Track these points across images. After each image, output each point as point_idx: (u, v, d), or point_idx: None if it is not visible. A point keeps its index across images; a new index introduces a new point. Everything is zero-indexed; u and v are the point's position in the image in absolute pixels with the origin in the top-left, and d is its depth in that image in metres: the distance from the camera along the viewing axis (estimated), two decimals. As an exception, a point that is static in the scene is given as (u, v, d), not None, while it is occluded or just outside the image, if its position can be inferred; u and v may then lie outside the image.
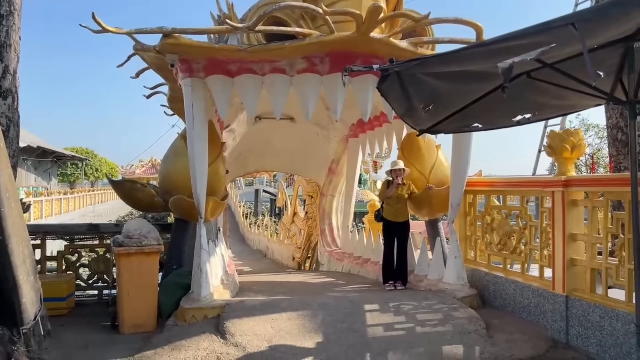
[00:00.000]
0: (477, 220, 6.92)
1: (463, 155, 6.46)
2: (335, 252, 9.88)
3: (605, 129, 26.60)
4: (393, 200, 7.05)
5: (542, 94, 3.88)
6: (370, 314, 5.51)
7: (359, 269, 8.61)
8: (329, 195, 10.61)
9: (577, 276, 5.10)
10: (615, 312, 4.49)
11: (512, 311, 5.92)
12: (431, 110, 3.61)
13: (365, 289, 7.23)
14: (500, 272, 6.31)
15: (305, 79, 5.73)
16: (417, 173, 7.34)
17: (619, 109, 6.89)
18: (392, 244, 7.15)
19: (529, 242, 5.88)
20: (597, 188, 4.87)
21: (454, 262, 6.51)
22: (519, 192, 6.10)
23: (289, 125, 10.26)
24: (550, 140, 5.33)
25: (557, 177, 5.23)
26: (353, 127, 9.50)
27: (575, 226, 5.16)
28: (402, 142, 7.76)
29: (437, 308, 5.68)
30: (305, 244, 12.19)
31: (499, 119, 4.27)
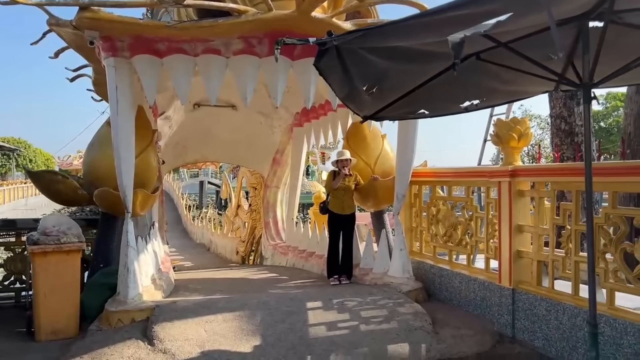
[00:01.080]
0: (423, 212, 6.74)
1: (409, 145, 6.25)
2: (279, 245, 9.52)
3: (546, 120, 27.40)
4: (339, 192, 6.76)
5: (491, 78, 3.66)
6: (313, 312, 5.19)
7: (303, 263, 8.29)
8: (274, 187, 10.23)
9: (523, 268, 4.98)
10: (561, 305, 4.37)
11: (458, 304, 5.77)
12: (375, 93, 3.30)
13: (309, 284, 6.92)
14: (446, 265, 6.16)
15: (242, 61, 5.30)
16: (362, 163, 7.09)
17: (562, 98, 6.88)
18: (338, 237, 6.87)
19: (475, 234, 5.73)
20: (545, 178, 4.75)
21: (400, 254, 6.30)
22: (465, 183, 5.95)
23: (230, 113, 9.78)
24: (497, 129, 5.17)
25: (504, 167, 5.08)
26: (298, 115, 9.14)
27: (522, 217, 5.03)
28: (347, 131, 7.48)
29: (383, 304, 5.44)
30: (249, 237, 11.76)
31: (446, 105, 4.02)
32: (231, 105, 9.75)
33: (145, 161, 6.03)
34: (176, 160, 10.63)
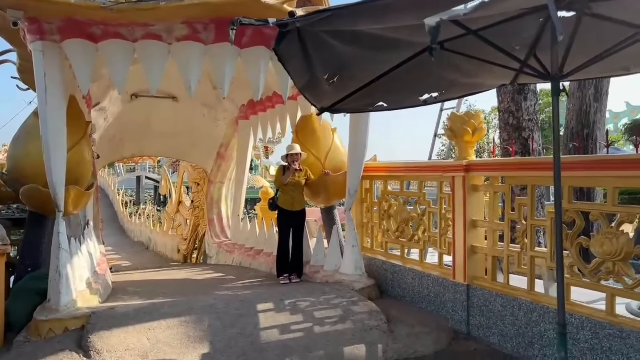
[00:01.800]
0: (374, 207, 6.62)
1: (360, 139, 6.09)
2: (224, 243, 9.16)
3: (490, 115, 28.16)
4: (289, 188, 6.51)
5: (452, 70, 3.52)
6: (264, 314, 4.93)
7: (250, 261, 7.99)
8: (218, 182, 9.82)
9: (478, 264, 4.95)
10: (517, 300, 4.35)
11: (411, 301, 5.69)
12: (336, 82, 3.08)
13: (257, 284, 6.64)
14: (398, 261, 6.07)
15: (185, 48, 4.93)
16: (312, 158, 6.87)
17: (510, 93, 6.96)
18: (287, 234, 6.63)
19: (428, 229, 5.66)
20: (499, 172, 4.71)
21: (351, 251, 6.15)
22: (418, 177, 5.86)
23: (171, 105, 9.28)
24: (451, 123, 5.10)
25: (458, 161, 5.02)
26: (243, 108, 8.78)
27: (476, 212, 4.99)
28: (296, 124, 7.24)
29: (336, 303, 5.26)
30: (191, 235, 11.27)
31: (405, 98, 3.87)
32: (172, 97, 9.25)
33: (78, 155, 5.55)
34: (112, 154, 9.99)
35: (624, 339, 3.47)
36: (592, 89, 6.91)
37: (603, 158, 3.73)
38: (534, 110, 6.97)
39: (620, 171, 3.58)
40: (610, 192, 3.67)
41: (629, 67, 3.39)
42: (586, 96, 6.93)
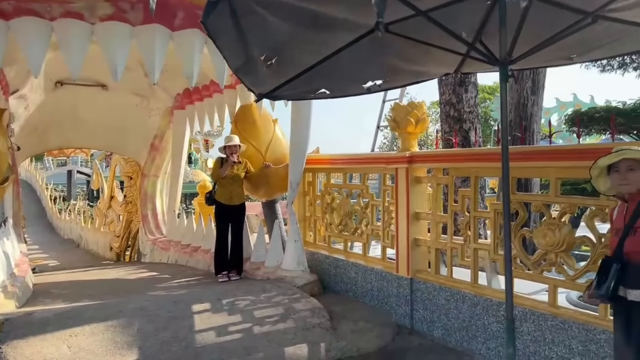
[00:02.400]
0: (317, 200, 6.43)
1: (302, 130, 5.87)
2: (159, 240, 8.69)
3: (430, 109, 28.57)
4: (227, 181, 6.19)
5: (395, 56, 3.38)
6: (200, 316, 4.63)
7: (187, 259, 7.61)
8: (152, 176, 9.31)
9: (421, 257, 4.86)
10: (460, 294, 4.29)
11: (354, 296, 5.55)
12: (274, 66, 2.83)
13: (194, 283, 6.30)
14: (341, 255, 5.92)
15: (110, 29, 4.53)
16: (253, 150, 6.58)
17: (451, 85, 6.95)
18: (226, 230, 6.32)
19: (371, 222, 5.54)
20: (443, 164, 4.64)
21: (294, 246, 5.94)
22: (361, 170, 5.72)
23: (100, 93, 8.67)
24: (394, 114, 4.97)
25: (401, 153, 4.90)
26: (179, 97, 8.33)
27: (419, 204, 4.89)
28: (235, 115, 6.92)
29: (277, 301, 5.03)
30: (124, 231, 10.67)
31: (348, 85, 3.68)
32: (101, 85, 8.64)
33: (-10, 146, 5.00)
34: (36, 146, 9.24)
35: (566, 330, 3.46)
36: (529, 82, 7.02)
37: (546, 149, 3.72)
38: (475, 102, 7.01)
39: (562, 162, 3.56)
40: (552, 182, 3.65)
41: (571, 56, 3.36)
42: (524, 89, 7.03)
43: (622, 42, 3.18)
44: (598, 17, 2.78)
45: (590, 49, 3.25)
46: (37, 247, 16.22)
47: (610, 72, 9.55)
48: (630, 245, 2.48)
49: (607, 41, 3.11)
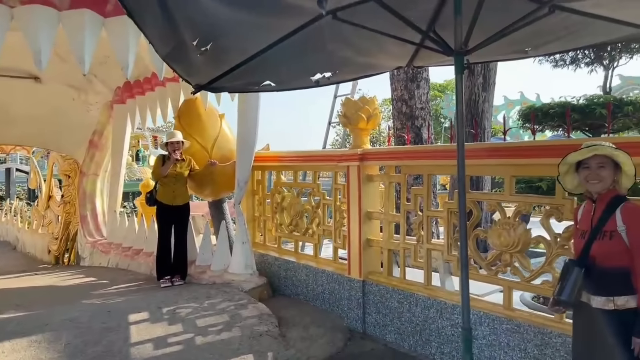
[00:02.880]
0: (267, 199, 6.15)
1: (250, 126, 5.57)
2: (99, 243, 8.16)
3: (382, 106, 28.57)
4: (170, 180, 5.81)
5: (345, 46, 3.15)
6: (137, 326, 4.28)
7: (128, 263, 7.15)
8: (92, 175, 8.72)
9: (373, 258, 4.68)
10: (414, 296, 4.13)
11: (305, 299, 5.32)
12: (210, 53, 2.53)
13: (134, 289, 5.88)
14: (292, 256, 5.67)
15: (33, 13, 4.09)
16: (197, 146, 6.22)
17: (403, 80, 6.81)
18: (169, 232, 5.94)
19: (323, 222, 5.31)
20: (396, 162, 4.45)
21: (242, 248, 5.64)
22: (312, 167, 5.48)
23: (32, 86, 8.06)
24: (345, 109, 4.75)
25: (353, 150, 4.69)
26: (119, 90, 7.82)
27: (372, 203, 4.71)
28: (178, 109, 6.53)
29: (223, 308, 4.73)
30: (62, 233, 9.99)
31: (296, 77, 3.42)
32: (33, 77, 8.03)
33: None
34: (-41, 142, 8.48)
35: (521, 333, 3.34)
36: (480, 79, 6.97)
37: (501, 146, 3.59)
38: (427, 99, 6.90)
39: (518, 159, 3.43)
40: (507, 181, 3.52)
41: (527, 49, 3.23)
42: (475, 85, 6.98)
43: (579, 35, 3.07)
44: (555, 7, 2.63)
45: (546, 42, 3.12)
46: (-33, 250, 15.14)
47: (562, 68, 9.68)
48: (598, 249, 2.34)
49: (564, 34, 2.99)
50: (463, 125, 2.48)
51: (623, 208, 2.29)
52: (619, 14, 2.75)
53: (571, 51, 7.58)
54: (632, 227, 2.24)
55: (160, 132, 31.27)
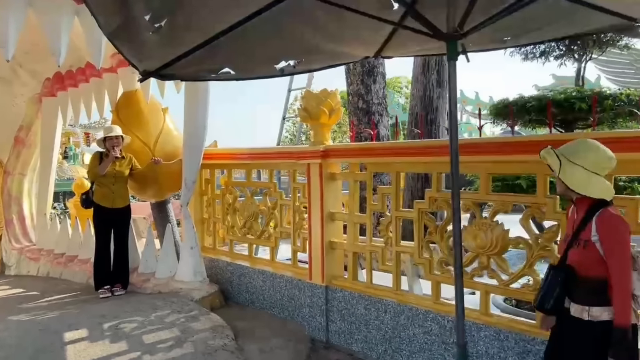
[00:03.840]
0: (217, 200, 5.73)
1: (199, 119, 5.15)
2: (28, 249, 7.38)
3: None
4: (109, 180, 5.27)
5: (314, 31, 2.84)
6: (75, 346, 3.78)
7: (61, 271, 6.49)
8: (18, 174, 7.88)
9: (337, 262, 4.39)
10: (382, 302, 3.88)
11: (262, 307, 4.96)
12: (164, 31, 2.14)
13: (70, 301, 5.29)
14: (246, 261, 5.29)
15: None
16: (139, 143, 5.68)
17: (360, 75, 6.58)
18: (108, 237, 5.39)
19: (280, 224, 4.97)
20: (361, 159, 4.18)
21: (190, 253, 5.21)
22: (268, 165, 5.14)
23: (-54, 76, 7.17)
24: (305, 103, 4.43)
25: (314, 146, 4.38)
26: (49, 82, 7.09)
27: (334, 204, 4.42)
28: (117, 103, 5.96)
29: (172, 321, 4.30)
30: (-16, 239, 9.05)
31: (259, 64, 3.07)
32: (-53, 65, 7.14)
33: None
34: None
35: (501, 341, 3.16)
36: (435, 75, 6.87)
37: (476, 142, 3.39)
38: (383, 94, 6.70)
39: (495, 156, 3.24)
40: (483, 178, 3.33)
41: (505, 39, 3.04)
42: (429, 81, 6.87)
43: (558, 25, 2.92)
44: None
45: (527, 31, 2.95)
46: None
47: (532, 60, 9.79)
48: (573, 257, 2.24)
49: (546, 22, 2.82)
50: (457, 118, 2.22)
51: (597, 217, 2.15)
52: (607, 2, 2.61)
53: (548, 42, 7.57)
54: (603, 238, 2.11)
55: (93, 128, 29.61)
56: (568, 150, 2.20)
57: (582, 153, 2.16)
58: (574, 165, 2.14)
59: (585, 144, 2.21)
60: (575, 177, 2.14)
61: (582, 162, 2.14)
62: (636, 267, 2.12)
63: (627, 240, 2.10)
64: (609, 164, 2.16)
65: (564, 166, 2.15)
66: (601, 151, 2.16)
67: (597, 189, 2.14)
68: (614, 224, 2.09)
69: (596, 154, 2.16)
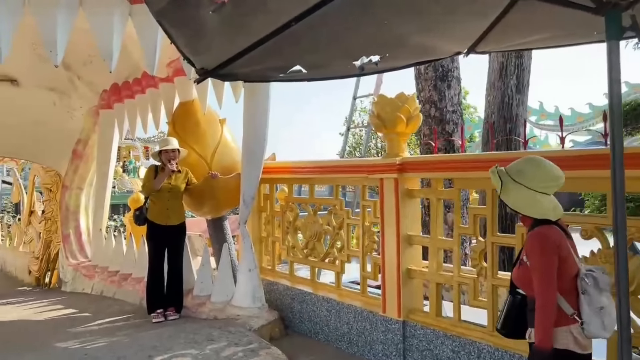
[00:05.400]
0: (276, 217, 5.27)
1: (259, 130, 4.73)
2: (83, 265, 7.21)
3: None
4: (164, 195, 4.92)
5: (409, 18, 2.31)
6: (121, 384, 3.36)
7: (115, 290, 6.22)
8: (75, 189, 7.78)
9: (416, 293, 3.80)
10: (476, 345, 3.25)
11: (326, 340, 4.42)
12: (227, 11, 1.67)
13: (121, 325, 4.96)
14: (308, 286, 4.78)
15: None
16: (195, 156, 5.33)
17: (432, 79, 5.98)
18: (162, 256, 5.04)
19: (347, 247, 4.43)
20: (447, 173, 3.59)
21: (248, 277, 4.76)
22: (334, 180, 4.61)
23: (9, 90, 7.14)
24: (378, 109, 3.89)
25: (389, 159, 3.83)
26: (106, 94, 6.93)
27: (412, 225, 3.84)
28: (173, 114, 5.66)
29: (229, 355, 3.84)
30: (43, 253, 9.03)
31: (334, 61, 2.58)
32: (10, 80, 7.12)
33: None
34: None
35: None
36: (514, 79, 6.17)
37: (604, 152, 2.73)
38: (459, 100, 6.08)
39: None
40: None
41: None
42: (508, 87, 6.18)
43: None
44: None
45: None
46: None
47: None
48: (514, 276, 2.19)
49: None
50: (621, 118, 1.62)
51: (528, 234, 2.11)
52: None
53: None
54: (528, 255, 2.06)
55: (152, 142, 30.28)
56: (513, 169, 2.12)
57: (526, 171, 2.08)
58: (516, 184, 2.07)
59: (529, 161, 2.12)
60: (518, 197, 2.08)
61: (525, 181, 2.06)
62: (584, 289, 1.97)
63: (549, 259, 1.97)
64: (553, 183, 2.07)
65: (505, 185, 2.09)
66: (545, 169, 2.07)
67: (538, 209, 2.05)
68: (537, 240, 2.02)
69: (539, 172, 2.07)
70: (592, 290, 1.96)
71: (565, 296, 1.99)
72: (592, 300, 1.95)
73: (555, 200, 2.08)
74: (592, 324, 1.93)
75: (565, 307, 1.98)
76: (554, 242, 1.99)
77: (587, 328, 1.94)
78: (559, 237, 2.01)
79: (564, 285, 1.99)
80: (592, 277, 1.98)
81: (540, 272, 1.98)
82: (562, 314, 1.97)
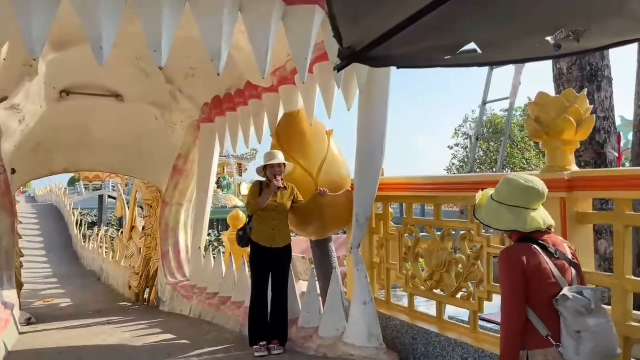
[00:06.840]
0: (391, 241, 4.60)
1: (376, 140, 4.12)
2: (181, 285, 6.96)
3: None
4: (269, 213, 4.44)
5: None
6: None
7: (213, 314, 5.83)
8: (175, 204, 7.62)
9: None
10: None
11: (460, 393, 3.64)
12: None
13: (220, 357, 4.50)
14: (433, 325, 4.03)
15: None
16: (300, 171, 4.83)
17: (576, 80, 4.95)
18: (265, 281, 4.55)
19: (487, 281, 3.65)
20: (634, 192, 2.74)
21: (362, 310, 4.12)
22: (464, 199, 3.85)
23: (113, 105, 7.18)
24: (536, 110, 3.11)
25: (552, 173, 3.03)
26: (206, 107, 6.70)
27: (584, 259, 2.99)
28: (277, 125, 5.21)
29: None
30: (143, 269, 9.01)
31: (518, 37, 1.86)
32: (115, 94, 7.14)
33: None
34: (37, 168, 7.69)
35: None
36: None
37: None
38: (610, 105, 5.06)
39: None
40: None
41: None
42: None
43: None
44: None
45: None
46: (55, 279, 14.92)
47: None
48: None
49: None
50: None
51: None
52: None
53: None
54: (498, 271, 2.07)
55: (245, 159, 30.92)
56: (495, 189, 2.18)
57: (499, 188, 2.16)
58: (491, 201, 2.14)
59: (504, 179, 2.17)
60: (489, 211, 2.13)
61: (499, 197, 2.12)
62: (560, 311, 1.94)
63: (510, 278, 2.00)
64: (525, 195, 2.09)
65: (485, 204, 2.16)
66: (516, 183, 2.11)
67: (505, 221, 2.09)
68: (500, 260, 2.07)
69: (509, 187, 2.12)
70: (567, 313, 1.93)
71: (542, 317, 1.97)
72: (567, 323, 1.92)
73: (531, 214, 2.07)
74: (567, 348, 1.90)
75: (540, 328, 1.97)
76: (517, 262, 2.00)
77: (564, 352, 1.91)
78: (527, 257, 2.00)
79: (538, 306, 1.98)
80: (567, 299, 1.92)
81: (502, 291, 2.06)
82: (536, 336, 1.97)
